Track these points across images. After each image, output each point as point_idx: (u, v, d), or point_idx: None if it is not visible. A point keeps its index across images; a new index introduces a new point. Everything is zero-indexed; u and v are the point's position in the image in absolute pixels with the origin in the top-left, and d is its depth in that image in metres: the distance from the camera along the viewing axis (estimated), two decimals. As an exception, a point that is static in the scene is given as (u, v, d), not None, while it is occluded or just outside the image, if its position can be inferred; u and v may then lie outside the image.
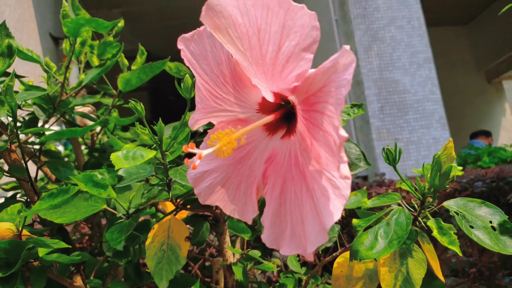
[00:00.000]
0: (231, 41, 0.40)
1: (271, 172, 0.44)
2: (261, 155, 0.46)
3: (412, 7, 3.42)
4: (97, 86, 1.00)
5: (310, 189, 0.37)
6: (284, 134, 0.45)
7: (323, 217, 0.35)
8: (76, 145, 1.02)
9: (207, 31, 0.45)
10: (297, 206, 0.39)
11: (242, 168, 0.47)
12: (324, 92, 0.34)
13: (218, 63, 0.45)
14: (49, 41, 4.18)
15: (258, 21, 0.37)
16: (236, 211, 0.48)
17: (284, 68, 0.38)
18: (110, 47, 0.94)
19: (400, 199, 0.66)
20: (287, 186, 0.41)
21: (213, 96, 0.48)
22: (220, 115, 0.49)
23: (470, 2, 7.10)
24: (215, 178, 0.49)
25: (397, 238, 0.56)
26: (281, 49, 0.37)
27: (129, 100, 0.61)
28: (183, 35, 0.47)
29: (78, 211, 0.68)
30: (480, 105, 7.59)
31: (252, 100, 0.47)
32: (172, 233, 0.65)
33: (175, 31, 5.75)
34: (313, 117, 0.36)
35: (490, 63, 7.57)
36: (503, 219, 0.56)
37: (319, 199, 0.36)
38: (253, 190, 0.46)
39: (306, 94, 0.37)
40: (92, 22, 0.74)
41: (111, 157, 0.56)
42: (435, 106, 3.36)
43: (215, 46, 0.45)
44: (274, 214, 0.41)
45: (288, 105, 0.45)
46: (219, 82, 0.46)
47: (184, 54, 0.47)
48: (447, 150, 0.57)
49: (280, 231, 0.40)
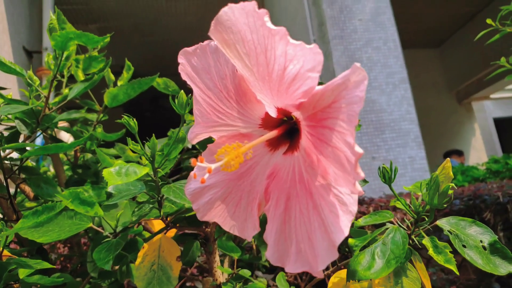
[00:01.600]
0: (238, 56, 0.40)
1: (274, 188, 0.43)
2: (263, 170, 0.46)
3: (388, 30, 3.50)
4: (80, 101, 0.98)
5: (317, 205, 0.37)
6: (287, 150, 0.45)
7: (332, 234, 0.35)
8: (57, 161, 0.98)
9: (211, 46, 0.45)
10: (303, 223, 0.38)
11: (243, 184, 0.46)
12: (333, 108, 0.34)
13: (221, 78, 0.45)
14: (22, 54, 4.11)
15: (266, 41, 0.37)
16: (235, 228, 0.47)
17: (290, 85, 0.38)
18: (95, 61, 0.92)
19: (392, 217, 0.66)
20: (291, 203, 0.40)
21: (215, 111, 0.47)
22: (222, 129, 0.48)
23: (441, 26, 7.34)
24: (215, 194, 0.47)
25: (395, 258, 0.55)
26: (287, 69, 0.37)
27: (122, 116, 0.59)
28: (185, 49, 0.46)
29: (61, 229, 0.65)
30: (451, 125, 7.79)
31: (255, 115, 0.46)
32: (163, 252, 0.63)
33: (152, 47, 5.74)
34: (320, 132, 0.36)
35: (460, 84, 7.81)
36: (493, 239, 0.56)
37: (327, 216, 0.36)
38: (254, 206, 0.45)
39: (313, 110, 0.37)
40: (82, 36, 0.73)
41: (103, 173, 0.54)
42: (411, 126, 3.42)
43: (219, 61, 0.45)
44: (278, 232, 0.40)
45: (290, 121, 0.45)
46: (222, 96, 0.46)
47: (183, 68, 0.47)
48: (445, 170, 0.57)
49: (285, 248, 0.39)
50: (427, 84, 7.76)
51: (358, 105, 0.32)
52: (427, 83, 7.78)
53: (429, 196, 0.58)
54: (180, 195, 0.57)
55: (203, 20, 6.08)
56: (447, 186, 0.56)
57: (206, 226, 0.72)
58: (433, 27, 7.29)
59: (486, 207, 2.03)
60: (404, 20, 4.93)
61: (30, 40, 4.31)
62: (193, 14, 5.95)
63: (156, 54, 6.72)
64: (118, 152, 0.93)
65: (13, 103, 0.79)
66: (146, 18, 5.90)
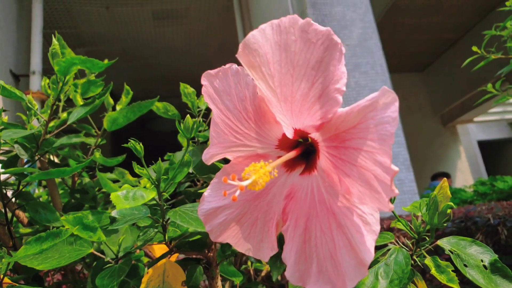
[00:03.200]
0: (263, 78, 0.42)
1: (292, 209, 0.43)
2: (280, 191, 0.46)
3: (375, 54, 3.57)
4: (77, 125, 0.97)
5: (343, 225, 0.37)
6: (303, 171, 0.46)
7: (360, 253, 0.35)
8: (52, 186, 0.97)
9: (232, 69, 0.46)
10: (325, 242, 0.39)
11: (260, 204, 0.47)
12: (359, 129, 0.35)
13: (241, 100, 0.46)
14: (8, 77, 4.09)
15: (297, 57, 0.39)
16: (250, 249, 0.47)
17: (314, 105, 0.39)
18: (94, 86, 0.93)
19: (393, 238, 0.66)
20: (311, 223, 0.41)
21: (233, 131, 0.48)
22: (239, 149, 0.49)
23: (425, 51, 7.51)
24: (230, 214, 0.48)
25: (398, 278, 0.56)
26: (314, 85, 0.38)
27: (129, 140, 0.59)
28: (208, 72, 0.48)
29: (61, 256, 0.64)
30: (437, 148, 7.89)
31: (272, 136, 0.47)
32: (167, 277, 0.62)
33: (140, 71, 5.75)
34: (343, 153, 0.37)
35: (444, 108, 7.95)
36: (493, 258, 0.57)
37: (354, 235, 0.36)
38: (271, 227, 0.45)
39: (336, 131, 0.38)
40: (86, 62, 0.73)
41: (111, 197, 0.53)
42: (399, 149, 3.45)
43: (240, 83, 0.46)
44: (298, 252, 0.41)
45: (306, 143, 0.46)
46: (241, 117, 0.47)
47: (205, 90, 0.48)
48: (443, 190, 0.58)
49: (306, 268, 0.40)
50: (413, 107, 7.88)
51: (391, 125, 0.33)
52: (413, 106, 7.90)
53: (429, 215, 0.59)
54: (186, 219, 0.56)
55: (191, 45, 6.15)
56: (446, 206, 0.57)
57: (209, 251, 0.71)
58: (417, 52, 7.46)
59: (477, 229, 2.05)
60: (389, 45, 5.04)
61: (17, 63, 4.30)
62: (181, 39, 6.01)
63: (144, 78, 6.75)
64: (117, 177, 0.92)
65: (11, 127, 0.79)
66: (134, 42, 5.94)
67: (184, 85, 0.86)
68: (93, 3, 4.98)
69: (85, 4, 4.99)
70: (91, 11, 5.12)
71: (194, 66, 6.02)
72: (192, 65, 6.14)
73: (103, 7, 5.05)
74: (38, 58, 4.24)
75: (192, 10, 5.32)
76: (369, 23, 3.67)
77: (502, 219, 2.14)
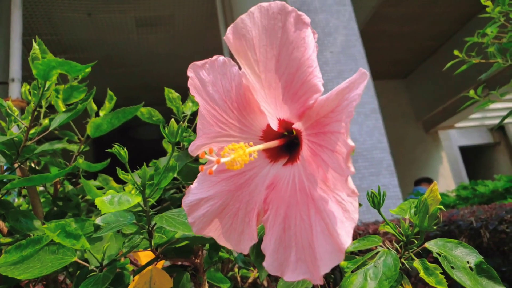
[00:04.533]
0: (249, 63, 0.42)
1: (273, 198, 0.43)
2: (262, 181, 0.46)
3: (358, 61, 3.61)
4: (59, 132, 0.95)
5: (321, 210, 0.37)
6: (287, 162, 0.46)
7: (338, 237, 0.34)
8: (34, 194, 0.95)
9: (219, 60, 0.47)
10: (304, 230, 0.38)
11: (242, 194, 0.46)
12: (337, 112, 0.35)
13: (227, 90, 0.47)
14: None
15: (282, 43, 0.39)
16: (232, 241, 0.46)
17: (297, 92, 0.39)
18: (77, 91, 0.91)
19: (381, 241, 0.66)
20: (291, 211, 0.40)
21: (218, 121, 0.48)
22: (223, 140, 0.49)
23: (407, 58, 7.63)
24: (212, 206, 0.47)
25: (387, 279, 0.55)
26: (297, 72, 0.39)
27: (113, 145, 0.58)
28: (195, 63, 0.48)
29: (43, 265, 0.62)
30: (420, 154, 7.98)
31: (257, 126, 0.48)
32: (154, 284, 0.61)
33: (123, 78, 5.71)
34: (322, 139, 0.37)
35: (426, 114, 8.06)
36: (479, 260, 0.57)
37: (332, 221, 0.35)
38: (252, 217, 0.45)
39: (316, 117, 0.38)
40: (64, 64, 0.72)
41: (96, 202, 0.52)
42: (383, 154, 3.48)
43: (226, 74, 0.47)
44: (277, 240, 0.40)
45: (290, 135, 0.46)
46: (226, 107, 0.47)
47: (191, 82, 0.48)
48: (433, 193, 0.58)
49: (284, 257, 0.39)
50: (396, 114, 7.97)
51: (356, 101, 0.33)
52: (396, 113, 7.99)
53: (419, 218, 0.59)
54: (173, 224, 0.55)
55: (175, 52, 6.13)
56: (436, 209, 0.57)
57: (195, 257, 0.70)
58: (400, 59, 7.58)
59: (460, 232, 2.07)
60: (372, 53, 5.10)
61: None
62: (164, 46, 5.98)
63: (128, 85, 6.70)
64: (101, 184, 0.90)
65: (-10, 134, 0.77)
66: (118, 49, 5.89)
67: (169, 90, 0.85)
68: (75, 9, 4.92)
69: (67, 10, 4.93)
70: (72, 17, 5.06)
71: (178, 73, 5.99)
72: (176, 72, 6.11)
73: (85, 14, 5.00)
74: (18, 65, 4.17)
75: (175, 17, 5.30)
76: (353, 31, 3.71)
77: (484, 222, 2.18)
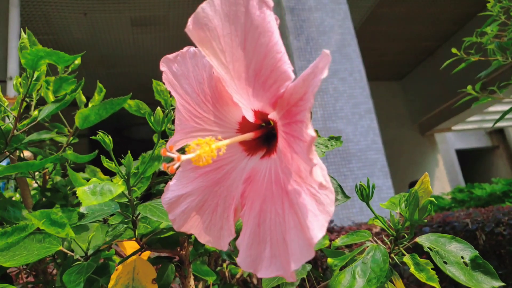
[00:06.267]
0: (215, 54, 0.41)
1: (250, 192, 0.42)
2: (240, 175, 0.45)
3: (353, 61, 3.61)
4: (49, 124, 0.95)
5: (294, 204, 0.35)
6: (264, 154, 0.44)
7: (309, 231, 0.33)
8: (23, 185, 0.95)
9: (190, 51, 0.46)
10: (278, 224, 0.36)
11: (220, 190, 0.45)
12: (305, 99, 0.34)
13: (200, 82, 0.45)
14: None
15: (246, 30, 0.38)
16: (211, 238, 0.45)
17: (267, 80, 0.38)
18: (66, 83, 0.91)
19: (370, 236, 0.65)
20: (266, 205, 0.38)
21: (193, 116, 0.47)
22: (199, 134, 0.47)
23: (403, 60, 7.64)
24: (191, 202, 0.46)
25: (376, 277, 0.54)
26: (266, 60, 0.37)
27: (97, 132, 0.58)
28: (166, 56, 0.47)
29: (29, 253, 0.62)
30: (415, 156, 7.99)
31: (232, 119, 0.46)
32: (137, 275, 0.61)
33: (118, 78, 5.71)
34: (294, 129, 0.36)
35: (422, 116, 8.07)
36: (474, 255, 0.56)
37: (304, 214, 0.34)
38: (230, 212, 0.44)
39: (287, 106, 0.37)
40: (52, 54, 0.72)
41: (77, 192, 0.52)
42: (377, 155, 3.48)
43: (197, 65, 0.45)
44: (251, 235, 0.38)
45: (268, 126, 0.45)
46: (200, 100, 0.46)
47: (165, 77, 0.47)
48: (424, 185, 0.56)
49: (258, 253, 0.37)
50: (391, 116, 7.99)
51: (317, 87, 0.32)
52: (391, 115, 8.01)
53: (409, 211, 0.57)
54: (157, 213, 0.55)
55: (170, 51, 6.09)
56: (427, 201, 0.56)
57: (181, 249, 0.70)
58: (396, 60, 7.59)
59: (455, 234, 2.07)
60: (368, 54, 5.11)
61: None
62: (159, 46, 5.99)
63: (123, 85, 6.70)
64: (89, 175, 0.90)
65: (-21, 124, 0.77)
66: (113, 49, 5.89)
67: (157, 82, 0.85)
68: (71, 9, 4.93)
69: (63, 10, 4.94)
70: (68, 17, 5.07)
71: (174, 73, 5.99)
72: (172, 72, 6.11)
73: (81, 13, 5.01)
74: (15, 64, 4.18)
75: (170, 17, 5.31)
76: (348, 30, 3.72)
77: (481, 224, 2.18)
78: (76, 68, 0.96)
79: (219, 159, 0.44)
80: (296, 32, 3.55)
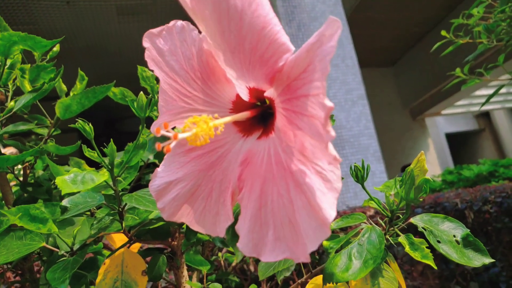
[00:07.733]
0: (208, 24, 0.38)
1: (248, 175, 0.39)
2: (236, 158, 0.42)
3: (345, 47, 3.58)
4: (28, 116, 0.91)
5: (301, 184, 0.33)
6: (261, 135, 0.41)
7: (322, 211, 0.31)
8: (3, 180, 0.91)
9: (177, 25, 0.42)
10: (282, 206, 0.34)
11: (214, 174, 0.42)
12: (308, 71, 0.31)
13: (188, 58, 0.42)
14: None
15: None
16: (206, 224, 0.42)
17: (264, 54, 0.35)
18: (44, 72, 0.86)
19: (365, 218, 0.65)
20: (267, 187, 0.36)
21: (182, 95, 0.43)
22: (188, 115, 0.44)
23: (394, 46, 7.63)
24: (183, 188, 0.43)
25: (372, 258, 0.54)
26: (263, 32, 0.34)
27: (76, 120, 0.54)
28: (150, 31, 0.43)
29: (10, 251, 0.59)
30: (407, 141, 8.04)
31: (225, 97, 0.43)
32: (126, 267, 0.57)
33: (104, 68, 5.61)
34: (296, 104, 0.33)
35: (413, 102, 8.10)
36: (465, 233, 0.57)
37: (313, 193, 0.32)
38: (227, 196, 0.41)
39: (288, 81, 0.34)
40: (27, 39, 0.68)
41: (56, 181, 0.48)
42: (369, 141, 3.48)
43: (186, 40, 0.42)
44: (252, 219, 0.36)
45: (264, 105, 0.42)
46: (189, 78, 0.42)
47: (148, 54, 0.43)
48: (420, 163, 0.56)
49: (260, 236, 0.35)
50: (383, 102, 8.00)
51: (331, 55, 0.30)
52: (383, 101, 8.02)
53: (405, 190, 0.57)
54: (143, 202, 0.52)
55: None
56: (423, 180, 0.55)
57: (172, 239, 0.67)
58: (387, 46, 7.58)
59: (446, 214, 2.10)
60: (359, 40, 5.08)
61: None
62: (146, 35, 5.90)
63: (109, 75, 6.59)
64: (73, 167, 0.86)
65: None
66: (98, 38, 5.78)
67: (142, 68, 0.81)
68: (52, -3, 4.78)
69: (44, -2, 4.79)
70: (50, 5, 4.89)
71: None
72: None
73: (63, 2, 4.85)
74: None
75: (158, 5, 5.21)
76: (339, 15, 3.68)
77: (469, 203, 2.27)
78: (55, 55, 0.92)
79: (212, 141, 0.41)
80: (287, 18, 3.51)
